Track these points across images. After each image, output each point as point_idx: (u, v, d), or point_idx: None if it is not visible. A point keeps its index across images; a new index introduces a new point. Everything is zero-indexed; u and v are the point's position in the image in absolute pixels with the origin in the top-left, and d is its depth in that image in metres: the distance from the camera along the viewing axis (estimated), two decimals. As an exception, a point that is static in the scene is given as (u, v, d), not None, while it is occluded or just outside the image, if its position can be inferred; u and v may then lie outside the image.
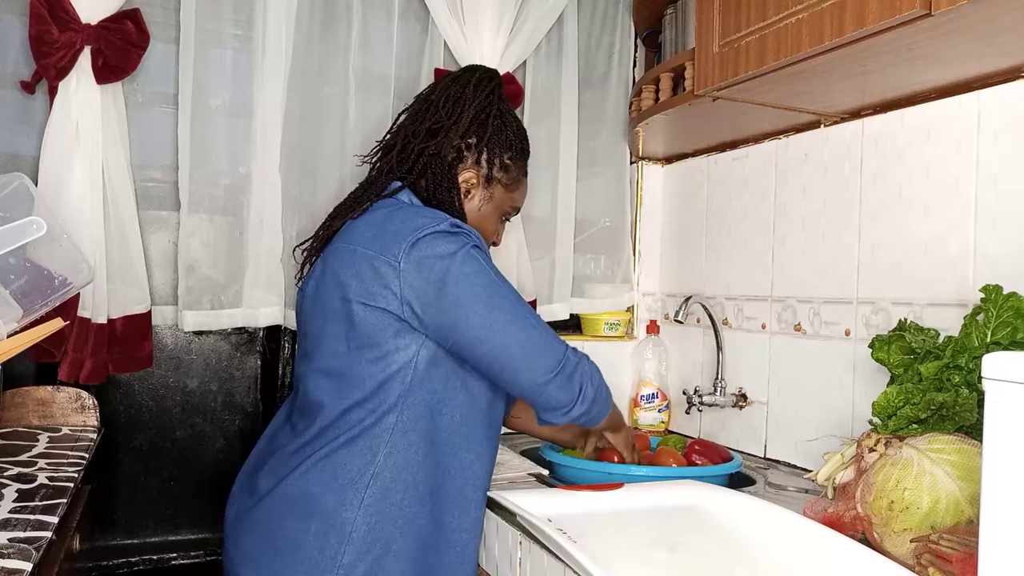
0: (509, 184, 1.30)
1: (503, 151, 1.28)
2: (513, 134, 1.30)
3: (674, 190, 2.07)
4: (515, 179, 1.31)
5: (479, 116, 1.26)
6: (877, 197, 1.45)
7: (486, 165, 1.27)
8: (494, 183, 1.28)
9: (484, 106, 1.27)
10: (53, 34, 1.41)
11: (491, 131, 1.27)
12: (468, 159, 1.27)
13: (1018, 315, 1.09)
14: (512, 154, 1.29)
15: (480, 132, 1.26)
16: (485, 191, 1.28)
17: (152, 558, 1.66)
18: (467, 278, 1.10)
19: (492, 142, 1.27)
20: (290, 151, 1.67)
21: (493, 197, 1.29)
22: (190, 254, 1.60)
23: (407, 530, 1.12)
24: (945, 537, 0.92)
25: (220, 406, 1.73)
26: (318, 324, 1.18)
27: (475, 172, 1.27)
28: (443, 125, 1.25)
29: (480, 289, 1.11)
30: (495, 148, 1.27)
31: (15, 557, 0.78)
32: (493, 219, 1.31)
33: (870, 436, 1.11)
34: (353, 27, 1.74)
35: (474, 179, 1.27)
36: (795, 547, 1.04)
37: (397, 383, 1.12)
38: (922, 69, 1.24)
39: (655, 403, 1.95)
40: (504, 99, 1.32)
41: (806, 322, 1.60)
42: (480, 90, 1.28)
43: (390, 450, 1.12)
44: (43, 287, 1.10)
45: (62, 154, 1.44)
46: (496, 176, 1.28)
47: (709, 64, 1.41)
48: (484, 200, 1.29)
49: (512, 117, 1.32)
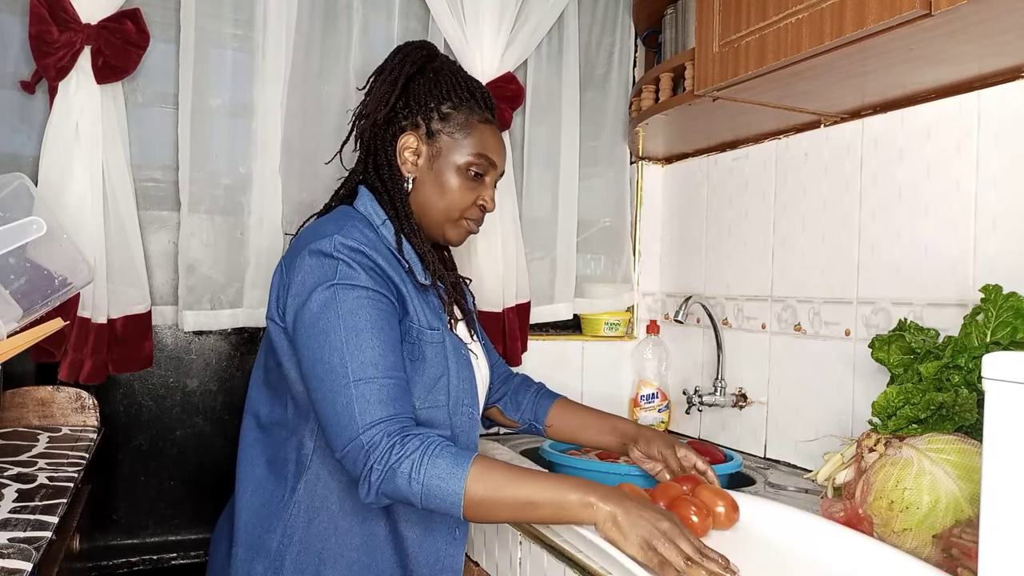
0: (455, 132, 1.19)
1: (439, 102, 1.19)
2: (449, 85, 1.20)
3: (674, 190, 2.07)
4: (463, 125, 1.19)
5: (398, 80, 1.19)
6: (877, 197, 1.45)
7: (423, 122, 1.18)
8: (437, 136, 1.19)
9: (401, 70, 1.20)
10: (53, 34, 1.41)
11: (419, 89, 1.19)
12: (405, 125, 1.19)
13: (1018, 315, 1.09)
14: (452, 103, 1.19)
15: (405, 95, 1.19)
16: (430, 148, 1.19)
17: (152, 558, 1.66)
18: (312, 319, 1.03)
19: (422, 99, 1.19)
20: (290, 151, 1.67)
21: (442, 152, 1.19)
22: (190, 254, 1.60)
23: (336, 562, 1.08)
24: (966, 531, 0.92)
25: (220, 406, 1.73)
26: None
27: (415, 135, 1.18)
28: (372, 99, 1.21)
29: (316, 334, 1.02)
30: (427, 102, 1.18)
31: (15, 557, 0.78)
32: (454, 178, 1.19)
33: (870, 436, 1.11)
34: (353, 27, 1.74)
35: (413, 140, 1.19)
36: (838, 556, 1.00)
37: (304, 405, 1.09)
38: (922, 69, 1.24)
39: (655, 403, 1.95)
40: (444, 60, 1.25)
41: (806, 322, 1.60)
42: (397, 58, 1.22)
43: (310, 477, 1.09)
44: (43, 287, 1.10)
45: (62, 154, 1.44)
46: (436, 128, 1.19)
47: (709, 64, 1.41)
48: (433, 158, 1.19)
49: (448, 71, 1.22)
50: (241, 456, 1.17)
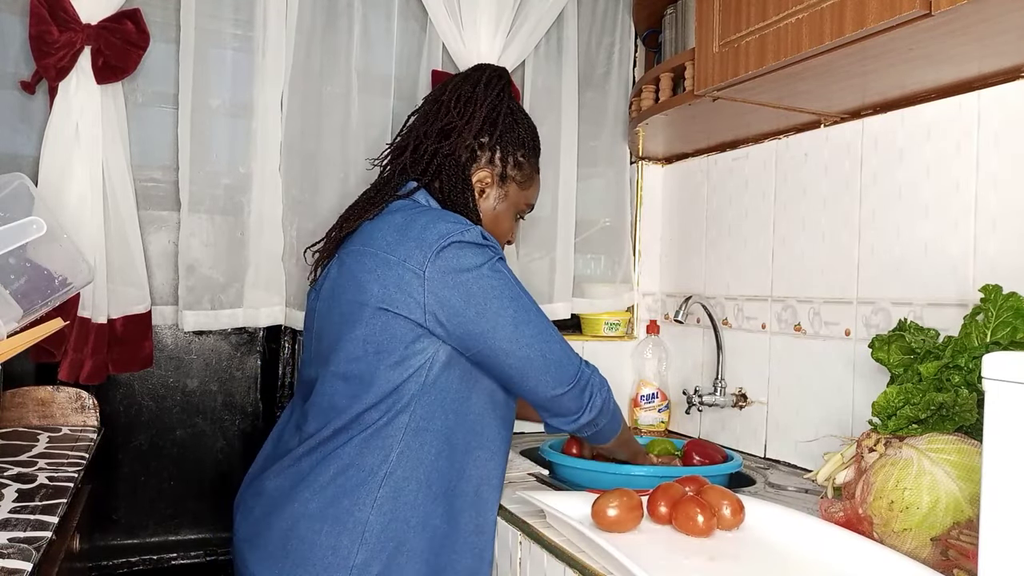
0: (523, 182, 1.30)
1: (516, 148, 1.28)
2: (525, 131, 1.30)
3: (674, 190, 2.07)
4: (528, 176, 1.31)
5: (491, 115, 1.26)
6: (877, 197, 1.45)
7: (500, 163, 1.27)
8: (508, 181, 1.29)
9: (495, 104, 1.27)
10: (53, 34, 1.41)
11: (503, 129, 1.27)
12: (481, 158, 1.26)
13: (1018, 315, 1.09)
14: (525, 151, 1.29)
15: (492, 130, 1.26)
16: (500, 190, 1.28)
17: (152, 558, 1.66)
18: (494, 291, 1.12)
19: (505, 140, 1.27)
20: (290, 151, 1.67)
21: (508, 195, 1.29)
22: (190, 254, 1.60)
23: (421, 530, 1.12)
24: (965, 532, 0.92)
25: (220, 406, 1.73)
26: (335, 327, 1.17)
27: (489, 171, 1.27)
28: (455, 125, 1.25)
29: (507, 302, 1.13)
30: (508, 146, 1.27)
31: (15, 557, 0.78)
32: (508, 218, 1.31)
33: (870, 436, 1.11)
34: (354, 27, 1.74)
35: (488, 178, 1.27)
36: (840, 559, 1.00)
37: (412, 384, 1.13)
38: (922, 69, 1.24)
39: (655, 403, 1.95)
40: (513, 97, 1.32)
41: (806, 322, 1.60)
42: (491, 88, 1.28)
43: (403, 449, 1.12)
44: (43, 287, 1.10)
45: (62, 154, 1.44)
46: (510, 174, 1.28)
47: (709, 64, 1.41)
48: (499, 199, 1.29)
49: (523, 115, 1.32)
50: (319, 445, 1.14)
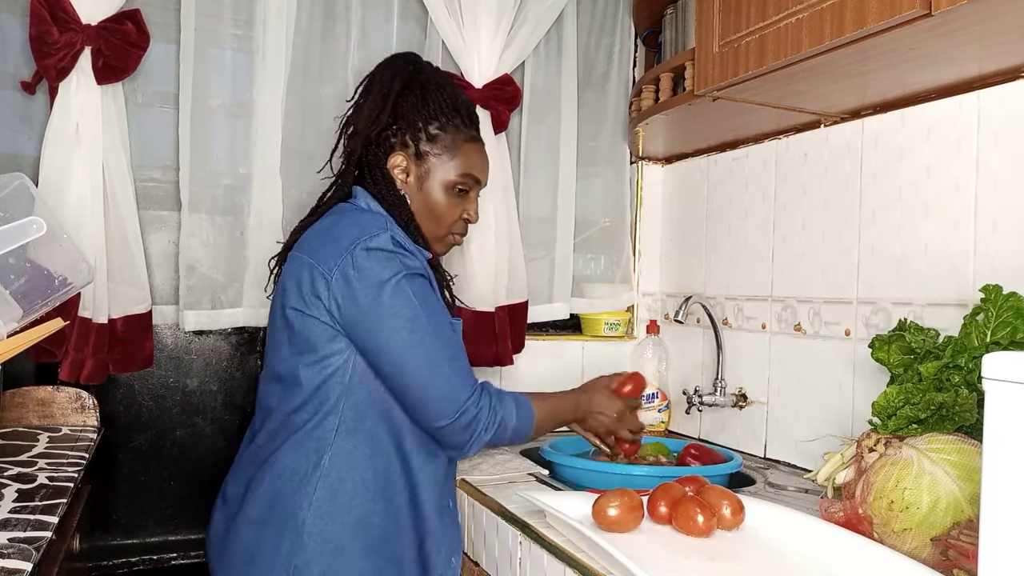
0: (442, 153, 1.26)
1: (426, 123, 1.25)
2: (436, 104, 1.26)
3: (674, 190, 2.07)
4: (449, 147, 1.27)
5: (387, 98, 1.24)
6: (877, 197, 1.45)
7: (411, 142, 1.25)
8: (426, 157, 1.26)
9: (389, 87, 1.25)
10: (53, 34, 1.41)
11: (407, 108, 1.25)
12: (395, 144, 1.25)
13: (1018, 315, 1.09)
14: (439, 123, 1.26)
15: (394, 113, 1.25)
16: (419, 168, 1.26)
17: (152, 558, 1.66)
18: (390, 311, 1.11)
19: (408, 118, 1.25)
20: (290, 151, 1.67)
21: (431, 172, 1.26)
22: (190, 254, 1.60)
23: (359, 530, 1.13)
24: (965, 532, 0.92)
25: (220, 406, 1.73)
26: (273, 330, 1.22)
27: (404, 154, 1.25)
28: (363, 117, 1.25)
29: (400, 323, 1.11)
30: (415, 122, 1.25)
31: (15, 557, 0.78)
32: (442, 196, 1.27)
33: (870, 436, 1.11)
34: (352, 28, 1.74)
35: (403, 161, 1.25)
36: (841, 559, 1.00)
37: (336, 384, 1.14)
38: (922, 69, 1.24)
39: (655, 403, 1.95)
40: (430, 74, 1.30)
41: (806, 322, 1.60)
42: (386, 72, 1.27)
43: (336, 451, 1.13)
44: (43, 287, 1.10)
45: (62, 154, 1.44)
46: (424, 150, 1.26)
47: (709, 64, 1.41)
48: (422, 178, 1.26)
49: (436, 88, 1.28)
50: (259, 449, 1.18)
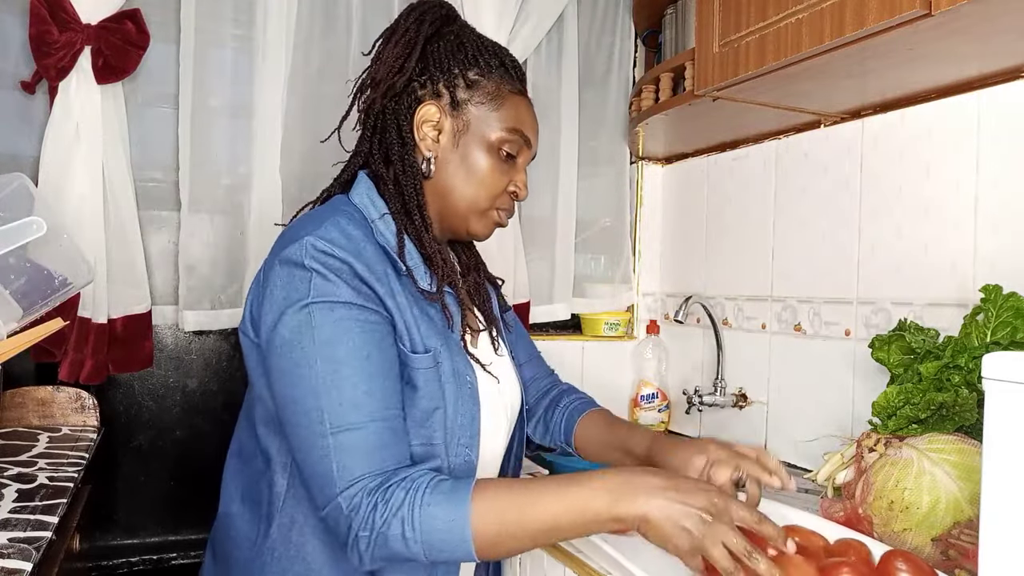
0: (486, 101, 1.00)
1: (465, 68, 1.00)
2: (475, 48, 1.01)
3: (674, 190, 2.07)
4: (494, 94, 1.00)
5: (415, 42, 1.00)
6: (877, 197, 1.45)
7: (446, 91, 0.99)
8: (464, 107, 0.99)
9: (419, 31, 1.00)
10: (53, 34, 1.41)
11: (441, 53, 1.00)
12: (424, 95, 1.00)
13: (1018, 315, 1.09)
14: (480, 69, 1.00)
15: (424, 59, 1.00)
16: (455, 121, 0.99)
17: (152, 558, 1.66)
18: (284, 346, 0.86)
19: (444, 63, 1.00)
20: (290, 151, 1.67)
21: (470, 125, 0.99)
22: (190, 254, 1.60)
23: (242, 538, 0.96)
24: (965, 532, 0.92)
25: (220, 406, 1.72)
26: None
27: (435, 104, 0.99)
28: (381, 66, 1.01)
29: (288, 367, 0.86)
30: (451, 67, 1.00)
31: (15, 557, 0.78)
32: (484, 157, 1.00)
33: (870, 436, 1.11)
34: (353, 28, 1.74)
35: (435, 112, 0.99)
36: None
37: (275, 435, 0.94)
38: (922, 69, 1.24)
39: (655, 403, 1.95)
40: (461, 22, 1.06)
41: (806, 322, 1.60)
42: (411, 18, 1.02)
43: (283, 521, 0.93)
44: (43, 287, 1.10)
45: (62, 154, 1.44)
46: (463, 97, 0.99)
47: (709, 64, 1.41)
48: (459, 132, 0.99)
49: (472, 34, 1.04)
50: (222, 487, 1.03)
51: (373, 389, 0.85)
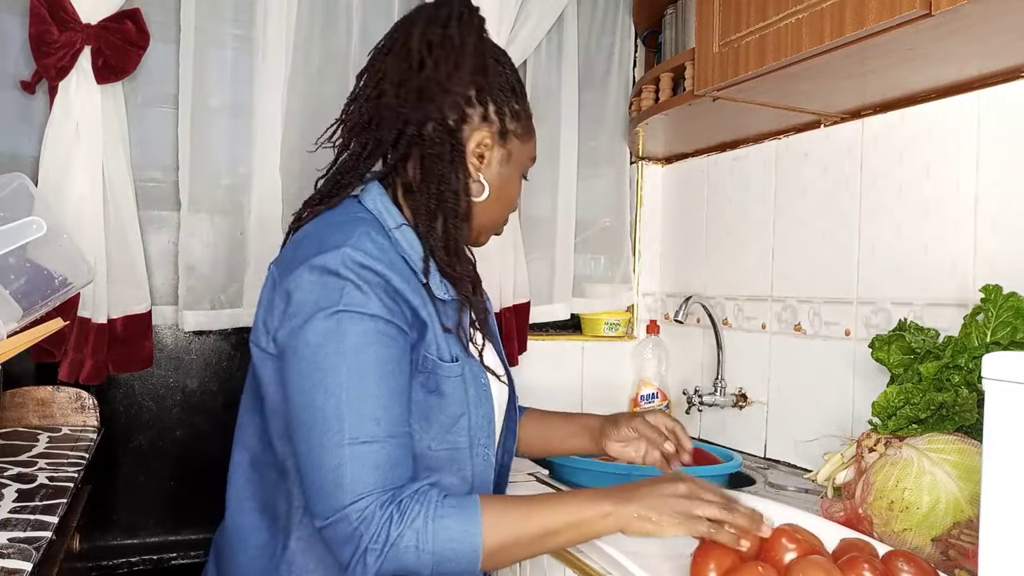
0: (524, 134, 1.04)
1: (510, 96, 1.01)
2: (512, 73, 1.03)
3: (674, 190, 2.07)
4: (527, 126, 1.05)
5: (475, 61, 0.97)
6: (877, 197, 1.45)
7: (496, 118, 0.99)
8: (509, 137, 1.01)
9: (478, 46, 0.98)
10: (53, 34, 1.41)
11: (492, 75, 0.99)
12: (473, 117, 0.98)
13: (1018, 315, 1.09)
14: (517, 98, 1.02)
15: (480, 80, 0.98)
16: (502, 150, 1.01)
17: (152, 558, 1.66)
18: (309, 350, 0.85)
19: (496, 89, 0.99)
20: (290, 151, 1.67)
21: (512, 155, 1.02)
22: (190, 254, 1.60)
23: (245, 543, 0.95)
24: (965, 532, 0.92)
25: (220, 406, 1.72)
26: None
27: (488, 130, 0.99)
28: (435, 80, 0.95)
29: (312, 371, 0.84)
30: (501, 95, 0.99)
31: (15, 557, 0.78)
32: (515, 181, 1.06)
33: (870, 436, 1.11)
34: (353, 28, 1.74)
35: (488, 139, 0.99)
36: None
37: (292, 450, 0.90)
38: (922, 69, 1.24)
39: (655, 403, 1.95)
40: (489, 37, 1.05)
41: (806, 322, 1.60)
42: (467, 28, 0.98)
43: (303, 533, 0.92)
44: (43, 287, 1.10)
45: (62, 154, 1.44)
46: (510, 128, 1.01)
47: (709, 64, 1.41)
48: (503, 162, 1.01)
49: (505, 55, 1.04)
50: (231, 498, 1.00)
51: (391, 405, 0.86)
